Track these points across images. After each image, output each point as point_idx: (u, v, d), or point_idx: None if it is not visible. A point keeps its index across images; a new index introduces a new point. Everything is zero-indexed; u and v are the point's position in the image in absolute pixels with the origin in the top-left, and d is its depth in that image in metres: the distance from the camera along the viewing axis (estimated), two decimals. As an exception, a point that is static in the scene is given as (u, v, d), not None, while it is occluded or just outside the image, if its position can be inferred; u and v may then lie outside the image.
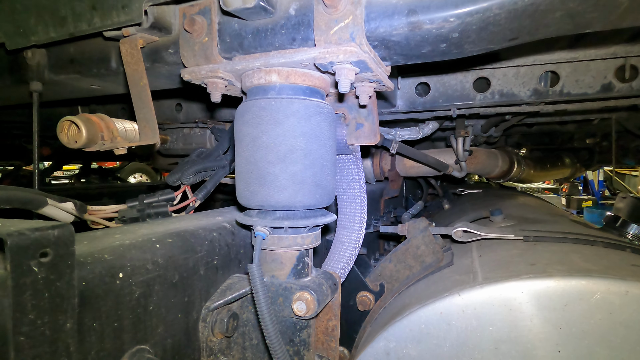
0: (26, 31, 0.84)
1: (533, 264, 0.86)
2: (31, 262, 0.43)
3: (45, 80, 1.00)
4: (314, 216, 0.78)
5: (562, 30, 0.64)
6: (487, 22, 0.58)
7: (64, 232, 0.47)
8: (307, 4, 0.67)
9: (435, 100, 1.37)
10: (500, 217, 1.42)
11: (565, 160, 2.58)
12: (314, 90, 0.76)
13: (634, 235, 1.26)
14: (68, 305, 0.48)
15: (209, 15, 0.74)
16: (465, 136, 1.78)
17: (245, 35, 0.72)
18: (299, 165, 0.72)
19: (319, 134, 0.74)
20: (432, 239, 1.17)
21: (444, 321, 0.82)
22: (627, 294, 0.70)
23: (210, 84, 0.77)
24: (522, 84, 1.27)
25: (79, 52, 0.95)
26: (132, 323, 0.58)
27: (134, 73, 0.78)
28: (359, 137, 0.97)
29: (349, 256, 1.03)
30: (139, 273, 0.60)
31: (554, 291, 0.75)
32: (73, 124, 0.81)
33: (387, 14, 0.61)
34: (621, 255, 0.92)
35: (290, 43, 0.70)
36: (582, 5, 0.55)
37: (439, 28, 0.60)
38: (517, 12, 0.56)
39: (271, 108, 0.71)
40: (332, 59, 0.63)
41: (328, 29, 0.64)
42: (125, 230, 0.72)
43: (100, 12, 0.74)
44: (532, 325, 0.75)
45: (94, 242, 0.62)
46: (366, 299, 1.19)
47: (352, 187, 1.05)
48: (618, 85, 1.17)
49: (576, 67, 1.20)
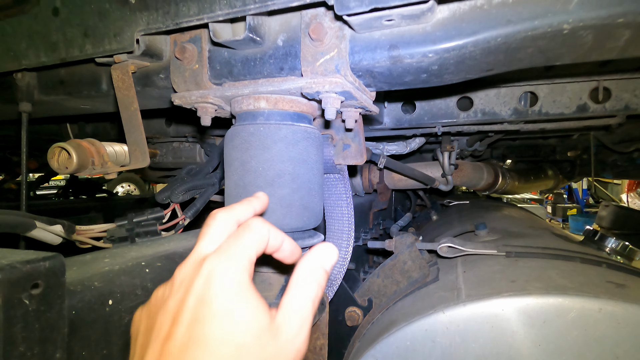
0: (17, 55, 0.85)
1: (514, 281, 0.89)
2: (22, 295, 0.44)
3: (35, 100, 1.01)
4: (302, 238, 0.80)
5: (535, 62, 0.68)
6: (463, 57, 0.62)
7: (55, 262, 0.48)
8: (294, 36, 0.70)
9: (420, 118, 1.41)
10: (485, 232, 1.46)
11: (548, 172, 2.66)
12: (302, 115, 0.79)
13: (612, 248, 1.31)
14: (58, 335, 0.48)
15: (199, 44, 0.76)
16: (451, 151, 1.82)
17: (234, 64, 0.75)
18: (286, 189, 0.74)
19: (306, 158, 0.77)
20: (418, 254, 1.20)
21: (429, 338, 0.84)
22: (600, 311, 0.74)
23: (201, 109, 0.79)
24: (503, 103, 1.32)
25: (69, 74, 0.96)
26: (120, 349, 0.59)
27: (124, 98, 0.80)
28: (346, 157, 1.00)
29: (337, 274, 1.05)
30: (129, 299, 0.61)
31: (532, 308, 0.78)
32: (64, 150, 0.82)
33: (370, 48, 0.65)
34: (597, 271, 0.96)
35: (278, 72, 0.72)
36: (550, 44, 0.59)
37: (419, 62, 0.63)
38: (491, 49, 0.60)
39: (260, 133, 0.73)
40: (318, 89, 0.66)
41: (314, 60, 0.67)
42: (114, 254, 0.73)
43: (92, 39, 0.76)
44: (513, 342, 0.78)
45: (84, 268, 0.63)
46: (355, 314, 1.20)
47: (340, 205, 1.08)
48: (593, 106, 1.22)
49: (553, 88, 1.25)
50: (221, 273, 0.39)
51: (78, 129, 1.73)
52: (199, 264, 0.41)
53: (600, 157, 2.12)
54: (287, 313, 0.41)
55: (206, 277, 0.39)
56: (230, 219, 0.46)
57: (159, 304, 0.42)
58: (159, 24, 0.70)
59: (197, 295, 0.39)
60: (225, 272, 0.39)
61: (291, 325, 0.40)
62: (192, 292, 0.39)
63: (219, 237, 0.45)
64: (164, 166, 1.86)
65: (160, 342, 0.38)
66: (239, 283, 0.40)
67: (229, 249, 0.41)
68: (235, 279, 0.39)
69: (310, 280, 0.43)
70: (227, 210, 0.47)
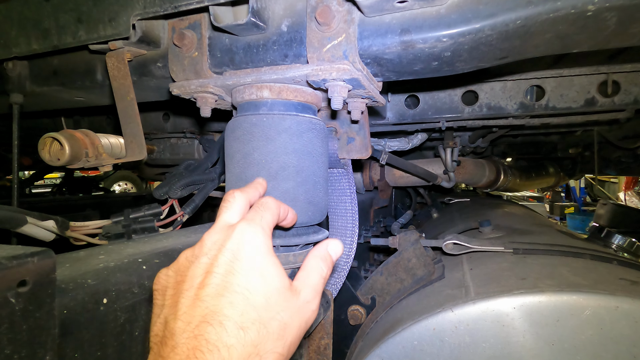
0: (7, 42, 0.81)
1: (524, 278, 0.86)
2: (8, 294, 0.40)
3: (27, 92, 0.97)
4: (306, 234, 0.76)
5: (551, 50, 0.65)
6: (478, 42, 0.59)
7: (44, 258, 0.44)
8: (299, 21, 0.66)
9: (424, 112, 1.38)
10: (489, 228, 1.43)
11: (550, 170, 2.64)
12: (306, 106, 0.76)
13: (618, 245, 1.29)
14: (48, 336, 0.45)
15: (199, 30, 0.72)
16: (454, 147, 1.80)
17: (236, 51, 0.71)
18: (291, 182, 0.71)
19: (311, 151, 0.73)
20: (423, 251, 1.17)
21: (437, 337, 0.81)
22: (617, 309, 0.71)
23: (200, 99, 0.76)
24: (509, 97, 1.29)
25: (62, 63, 0.92)
26: (116, 351, 0.56)
27: (120, 87, 0.76)
28: (350, 151, 0.97)
29: (341, 271, 1.02)
30: (125, 297, 0.58)
31: (545, 307, 0.75)
32: (55, 141, 0.78)
33: (380, 33, 0.61)
34: (608, 268, 0.93)
35: (282, 59, 0.69)
36: (570, 28, 0.56)
37: (432, 47, 0.60)
38: (508, 34, 0.57)
39: (263, 124, 0.70)
40: (325, 77, 0.63)
41: (321, 46, 0.63)
42: (109, 250, 0.69)
43: (85, 25, 0.72)
44: (525, 342, 0.75)
45: (77, 265, 0.59)
46: (357, 313, 1.17)
47: (344, 200, 1.05)
48: (601, 99, 1.20)
49: (561, 82, 1.23)
50: (252, 236, 0.46)
51: (73, 123, 1.69)
52: (229, 229, 0.48)
53: (603, 154, 2.10)
54: (303, 282, 0.48)
55: (239, 238, 0.46)
56: (245, 197, 0.55)
57: (188, 262, 0.47)
58: (157, 8, 0.66)
59: (232, 252, 0.45)
60: (255, 236, 0.46)
61: (306, 292, 0.47)
62: (226, 250, 0.45)
63: (238, 210, 0.53)
64: (161, 163, 1.82)
65: (195, 289, 0.43)
66: (266, 246, 0.47)
67: (254, 218, 0.49)
68: (264, 242, 0.47)
69: (321, 263, 0.51)
70: (242, 191, 0.56)
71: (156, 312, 0.46)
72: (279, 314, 0.43)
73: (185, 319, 0.41)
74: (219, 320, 0.40)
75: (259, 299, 0.43)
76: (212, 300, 0.41)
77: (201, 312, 0.41)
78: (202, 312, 0.41)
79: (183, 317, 0.41)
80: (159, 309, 0.46)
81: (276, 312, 0.43)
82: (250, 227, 0.47)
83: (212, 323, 0.40)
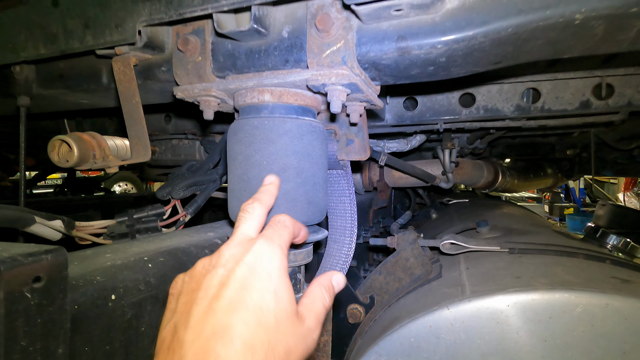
0: (15, 47, 0.84)
1: (518, 277, 0.89)
2: (24, 289, 0.43)
3: (33, 94, 0.99)
4: (306, 233, 0.78)
5: (543, 55, 0.68)
6: (472, 49, 0.61)
7: (57, 256, 0.47)
8: (299, 28, 0.69)
9: (422, 114, 1.40)
10: (487, 229, 1.45)
11: (548, 171, 2.66)
12: (306, 109, 0.78)
13: (613, 245, 1.31)
14: (60, 330, 0.47)
15: (202, 35, 0.75)
16: (452, 148, 1.82)
17: (238, 56, 0.74)
18: (291, 183, 0.73)
19: (311, 152, 0.76)
20: (420, 251, 1.19)
21: (434, 335, 0.83)
22: (607, 306, 0.73)
23: (203, 102, 0.78)
24: (506, 99, 1.31)
25: (69, 67, 0.94)
26: (123, 345, 0.58)
27: (126, 91, 0.78)
28: (349, 152, 0.99)
29: (340, 270, 1.04)
30: (131, 294, 0.60)
31: (538, 304, 0.77)
32: (64, 143, 0.80)
33: (378, 39, 0.64)
34: (601, 267, 0.95)
35: (283, 64, 0.71)
36: (561, 35, 0.58)
37: (427, 53, 0.62)
38: (501, 40, 0.59)
39: (264, 127, 0.72)
40: (324, 81, 0.65)
41: (320, 52, 0.66)
42: (115, 249, 0.72)
43: (92, 31, 0.75)
44: (519, 338, 0.77)
45: (85, 263, 0.62)
46: (356, 312, 1.19)
47: (343, 201, 1.07)
48: (595, 102, 1.22)
49: (556, 84, 1.25)
50: (269, 255, 0.47)
51: (76, 125, 1.71)
52: (247, 244, 0.49)
53: (600, 155, 2.13)
54: (308, 310, 0.49)
55: (257, 255, 0.47)
56: (264, 208, 0.56)
57: (205, 271, 0.48)
58: (162, 15, 0.68)
59: (249, 267, 0.45)
60: (273, 254, 0.47)
61: (311, 319, 0.48)
62: (244, 264, 0.46)
63: (256, 223, 0.54)
64: (162, 164, 1.84)
65: (209, 299, 0.43)
66: (283, 267, 0.48)
67: (273, 237, 0.50)
68: (281, 262, 0.48)
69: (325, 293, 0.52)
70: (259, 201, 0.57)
71: (167, 316, 0.47)
72: (285, 339, 0.43)
73: (196, 329, 0.41)
74: (230, 337, 0.40)
75: (270, 320, 0.43)
76: (224, 314, 0.42)
77: (212, 325, 0.41)
78: (213, 325, 0.41)
79: (194, 326, 0.42)
80: (171, 313, 0.46)
81: (284, 336, 0.43)
82: (268, 245, 0.48)
83: (223, 339, 0.40)
